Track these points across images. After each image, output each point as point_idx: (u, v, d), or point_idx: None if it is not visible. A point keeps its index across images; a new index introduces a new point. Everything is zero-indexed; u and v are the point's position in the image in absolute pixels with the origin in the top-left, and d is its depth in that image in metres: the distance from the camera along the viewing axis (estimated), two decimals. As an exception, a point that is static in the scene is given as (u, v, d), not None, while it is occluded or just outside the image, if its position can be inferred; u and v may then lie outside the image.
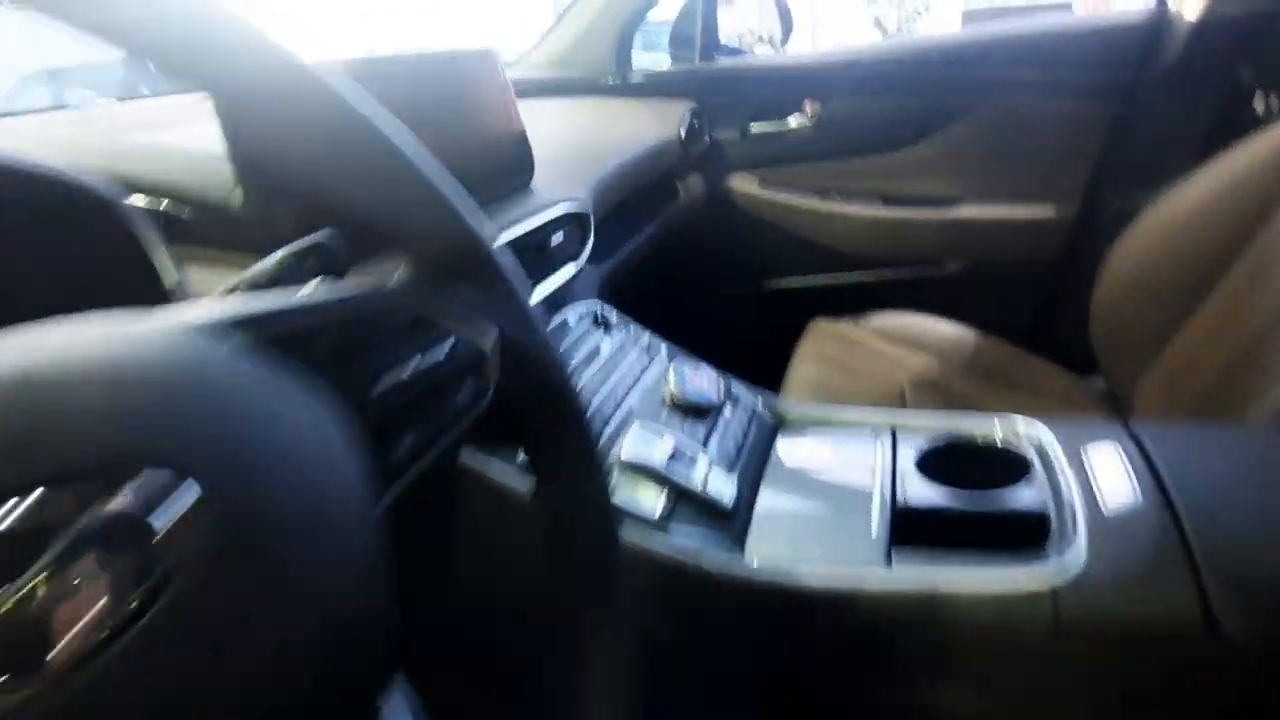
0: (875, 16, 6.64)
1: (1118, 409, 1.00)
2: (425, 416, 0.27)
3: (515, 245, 0.72)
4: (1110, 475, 0.56)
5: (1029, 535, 0.54)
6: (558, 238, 0.79)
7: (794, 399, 1.00)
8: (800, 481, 0.66)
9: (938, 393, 1.06)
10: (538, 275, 0.75)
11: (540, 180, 0.85)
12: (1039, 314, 1.30)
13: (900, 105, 1.37)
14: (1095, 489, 0.55)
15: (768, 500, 0.64)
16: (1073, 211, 1.30)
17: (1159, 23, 1.21)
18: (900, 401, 1.03)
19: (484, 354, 0.29)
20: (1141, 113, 1.24)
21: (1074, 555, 0.51)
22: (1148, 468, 0.56)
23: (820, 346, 1.17)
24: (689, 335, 1.07)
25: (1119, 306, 0.98)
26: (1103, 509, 0.54)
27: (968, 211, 1.36)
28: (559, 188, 0.85)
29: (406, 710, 0.39)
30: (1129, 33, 1.24)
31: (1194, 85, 1.20)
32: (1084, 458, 0.58)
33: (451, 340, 0.28)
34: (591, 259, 0.96)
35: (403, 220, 0.29)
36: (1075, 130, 1.28)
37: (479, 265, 0.31)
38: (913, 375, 1.11)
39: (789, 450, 0.71)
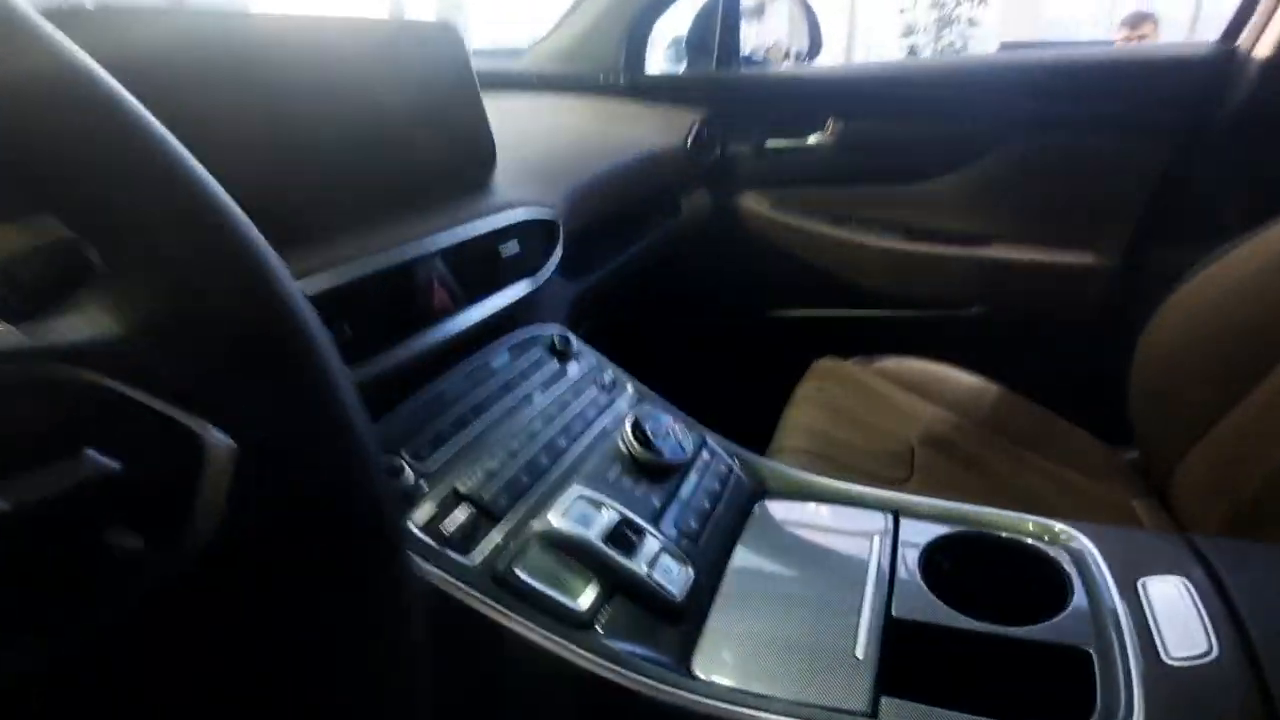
0: (910, 46, 6.55)
1: (1151, 489, 0.88)
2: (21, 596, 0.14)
3: (457, 253, 0.61)
4: (1173, 611, 0.43)
5: (1064, 686, 0.42)
6: (511, 246, 0.67)
7: (787, 446, 0.88)
8: (773, 573, 0.53)
9: (950, 451, 0.95)
10: (480, 290, 0.63)
11: (511, 179, 0.74)
12: (1070, 371, 1.18)
13: (931, 130, 1.25)
14: (1154, 628, 0.43)
15: (730, 596, 0.51)
16: (1115, 262, 1.18)
17: (1225, 60, 1.09)
18: (908, 458, 0.92)
19: (202, 465, 0.17)
20: (1200, 159, 1.12)
21: None
22: (1223, 605, 0.43)
23: (822, 388, 1.07)
24: (677, 366, 0.95)
25: (1162, 373, 0.87)
26: (1164, 658, 0.41)
27: (998, 252, 1.24)
28: (527, 189, 0.73)
29: None
30: (1191, 69, 1.11)
31: (1261, 133, 1.08)
32: (1140, 585, 0.45)
33: (141, 444, 0.16)
34: (567, 274, 0.84)
35: (113, 216, 0.17)
36: (1124, 173, 1.16)
37: (247, 310, 0.19)
38: (923, 429, 0.99)
39: (765, 529, 0.58)
